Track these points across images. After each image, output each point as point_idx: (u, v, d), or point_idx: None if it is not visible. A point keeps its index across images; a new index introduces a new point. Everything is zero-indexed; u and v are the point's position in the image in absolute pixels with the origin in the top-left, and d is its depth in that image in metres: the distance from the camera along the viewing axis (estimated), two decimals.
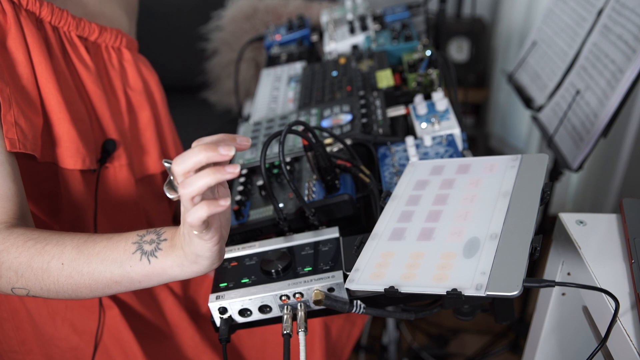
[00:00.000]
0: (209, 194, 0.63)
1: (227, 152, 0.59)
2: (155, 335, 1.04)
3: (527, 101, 1.53)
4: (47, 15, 0.85)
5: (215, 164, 0.60)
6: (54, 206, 0.93)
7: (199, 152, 0.59)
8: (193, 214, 0.60)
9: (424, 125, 0.96)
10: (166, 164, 0.63)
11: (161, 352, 1.04)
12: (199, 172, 0.59)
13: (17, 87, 0.80)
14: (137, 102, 1.01)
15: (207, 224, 0.62)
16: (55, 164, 0.87)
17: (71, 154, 0.86)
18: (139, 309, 1.03)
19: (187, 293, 1.13)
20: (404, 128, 1.01)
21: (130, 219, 1.01)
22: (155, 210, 1.07)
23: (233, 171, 0.59)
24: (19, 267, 0.72)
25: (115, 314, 0.99)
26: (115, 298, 1.01)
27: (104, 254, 0.71)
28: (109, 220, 0.97)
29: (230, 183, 0.99)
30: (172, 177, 0.63)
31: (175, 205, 1.19)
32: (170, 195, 0.63)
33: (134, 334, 0.99)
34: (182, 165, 0.60)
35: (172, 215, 1.18)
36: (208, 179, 0.59)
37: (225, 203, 0.60)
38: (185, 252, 0.66)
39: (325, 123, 1.01)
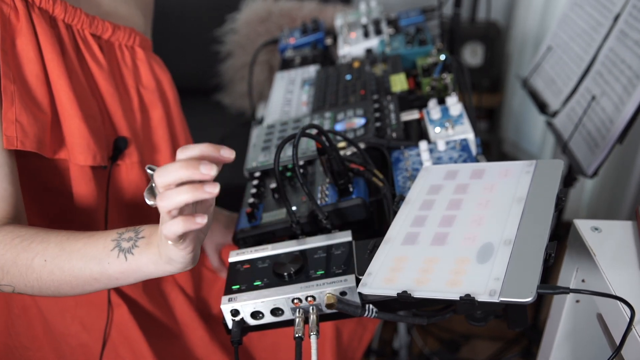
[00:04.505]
0: (187, 208, 0.65)
1: (208, 172, 0.60)
2: (164, 334, 1.05)
3: (542, 106, 1.52)
4: (60, 13, 0.86)
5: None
6: (63, 205, 0.94)
7: (180, 169, 0.60)
8: (168, 227, 0.62)
9: (437, 129, 0.95)
10: (149, 171, 0.65)
11: (170, 351, 1.04)
12: (178, 188, 0.61)
13: (23, 84, 0.81)
14: (150, 100, 1.01)
15: (182, 236, 0.65)
16: (66, 161, 0.88)
17: (82, 150, 0.87)
18: (147, 307, 1.03)
19: (198, 294, 1.14)
20: (417, 132, 1.01)
21: (141, 216, 1.02)
22: None
23: (212, 191, 0.61)
24: (5, 264, 0.75)
25: (124, 312, 0.99)
26: (123, 295, 1.01)
27: (84, 250, 0.74)
28: (120, 217, 0.98)
29: (244, 186, 0.99)
30: (154, 185, 0.64)
31: None
32: (149, 201, 0.66)
33: (142, 332, 1.00)
34: (163, 177, 0.61)
35: None
36: (186, 196, 0.61)
37: (201, 220, 0.62)
38: (160, 252, 0.69)
39: (339, 127, 1.01)
